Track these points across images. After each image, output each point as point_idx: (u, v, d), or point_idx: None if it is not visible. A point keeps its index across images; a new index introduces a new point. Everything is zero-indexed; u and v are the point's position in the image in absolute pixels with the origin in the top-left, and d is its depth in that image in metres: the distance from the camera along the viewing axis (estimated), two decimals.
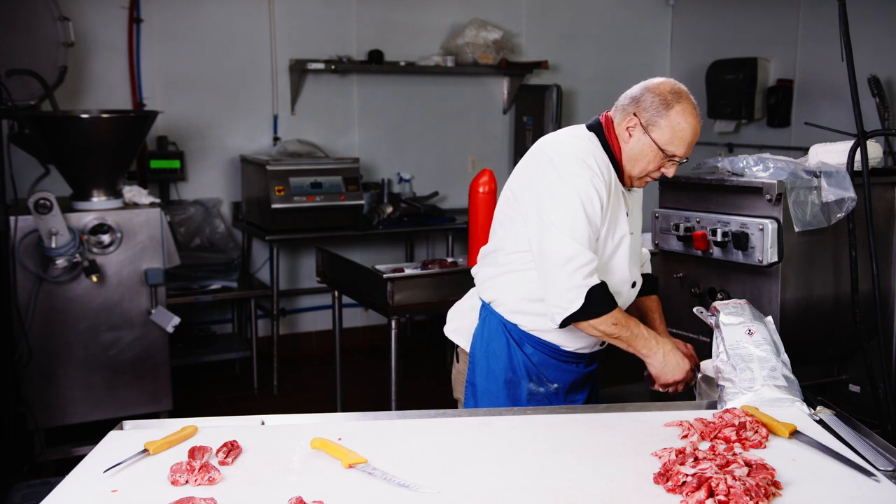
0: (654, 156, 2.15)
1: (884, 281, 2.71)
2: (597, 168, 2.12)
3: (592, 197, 2.09)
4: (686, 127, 2.11)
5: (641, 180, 2.23)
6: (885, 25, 4.81)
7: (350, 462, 1.64)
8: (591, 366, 2.35)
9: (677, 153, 2.14)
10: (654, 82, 2.16)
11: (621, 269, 2.23)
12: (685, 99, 2.12)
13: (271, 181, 4.89)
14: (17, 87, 3.91)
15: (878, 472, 1.60)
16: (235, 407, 4.72)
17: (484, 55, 5.81)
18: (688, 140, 2.13)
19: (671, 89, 2.13)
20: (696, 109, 2.13)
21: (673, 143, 2.12)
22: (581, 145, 2.16)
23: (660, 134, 2.12)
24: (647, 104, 2.12)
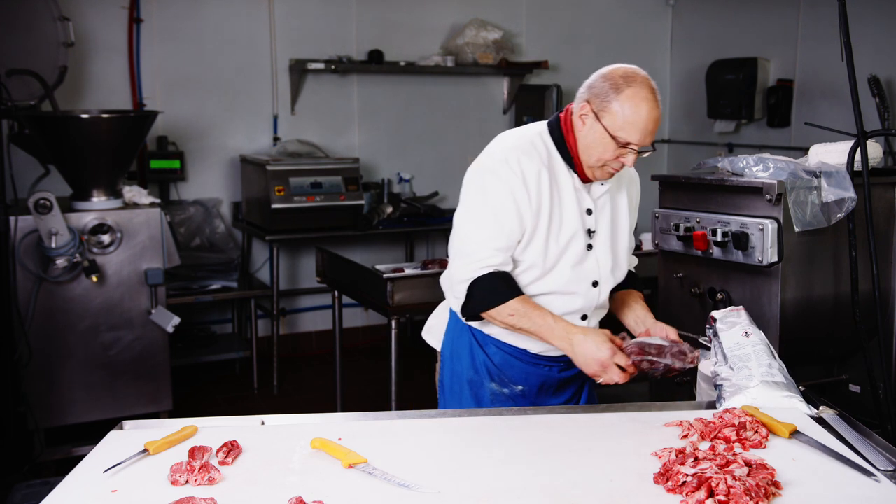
0: (608, 144, 2.04)
1: (884, 281, 2.71)
2: (518, 168, 2.06)
3: (503, 197, 2.05)
4: (637, 112, 2.01)
5: (602, 171, 2.10)
6: (885, 25, 4.81)
7: (350, 462, 1.64)
8: (569, 370, 2.26)
9: (630, 140, 2.02)
10: (609, 68, 2.09)
11: (573, 268, 2.15)
12: (638, 83, 2.03)
13: (271, 181, 4.89)
14: (17, 87, 3.91)
15: (878, 472, 1.59)
16: (235, 407, 4.72)
17: (484, 55, 5.81)
18: (640, 126, 2.02)
19: (623, 73, 2.05)
20: (652, 94, 2.03)
21: (624, 130, 2.02)
22: (512, 144, 2.12)
23: (610, 120, 2.03)
24: (599, 89, 2.05)
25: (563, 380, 2.28)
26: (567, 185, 2.13)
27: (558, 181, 2.12)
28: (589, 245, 2.17)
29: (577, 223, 2.14)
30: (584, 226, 2.15)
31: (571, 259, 2.14)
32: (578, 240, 2.14)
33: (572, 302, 2.18)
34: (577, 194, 2.14)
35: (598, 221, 2.18)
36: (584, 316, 2.22)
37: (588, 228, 2.16)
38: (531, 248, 2.12)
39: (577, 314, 2.21)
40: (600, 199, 2.19)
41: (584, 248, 2.16)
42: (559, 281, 2.14)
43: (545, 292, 2.16)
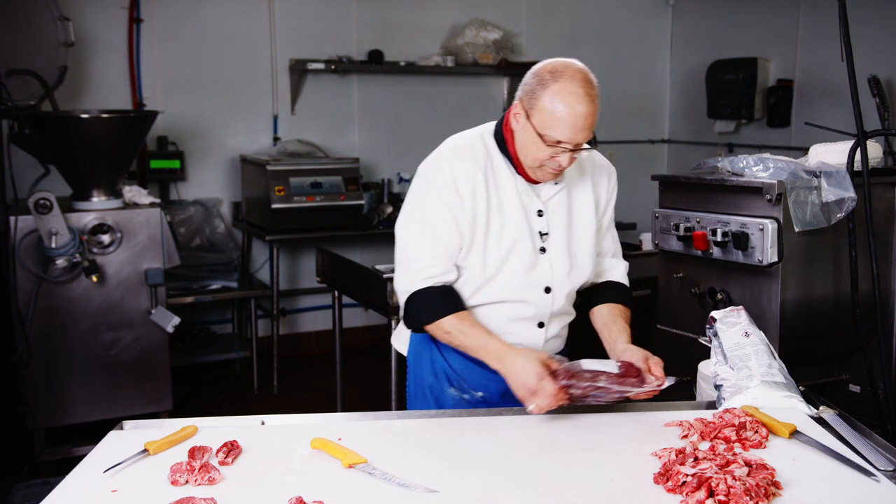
0: (539, 144, 1.92)
1: (884, 281, 2.71)
2: (448, 173, 1.98)
3: (437, 205, 1.99)
4: (562, 108, 1.86)
5: (542, 171, 1.99)
6: (885, 25, 4.81)
7: (350, 462, 1.64)
8: None
9: (560, 139, 1.89)
10: (542, 63, 1.97)
11: (522, 273, 2.04)
12: (566, 77, 1.88)
13: (271, 181, 4.89)
14: (17, 87, 3.91)
15: (878, 472, 1.60)
16: (235, 407, 4.72)
17: (484, 55, 5.81)
18: (568, 123, 1.87)
19: (552, 68, 1.92)
20: (582, 88, 1.87)
21: (551, 127, 1.89)
22: (450, 148, 2.05)
23: (539, 118, 1.90)
24: (529, 86, 1.94)
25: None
26: (508, 187, 2.04)
27: (498, 184, 2.03)
28: (542, 248, 2.07)
29: (521, 227, 2.03)
30: (531, 229, 2.05)
31: (519, 265, 2.04)
32: (525, 244, 2.04)
33: (523, 309, 2.08)
34: (522, 196, 2.04)
35: (550, 223, 2.08)
36: (541, 323, 2.12)
37: (539, 231, 2.06)
38: (471, 256, 2.03)
39: (530, 321, 2.11)
40: (553, 199, 2.08)
41: (534, 252, 2.05)
42: (506, 288, 2.05)
43: (492, 301, 2.07)
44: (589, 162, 2.17)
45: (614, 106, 6.54)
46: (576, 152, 1.94)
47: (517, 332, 2.10)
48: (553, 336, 2.17)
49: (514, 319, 2.09)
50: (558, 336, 2.20)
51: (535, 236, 2.05)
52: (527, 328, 2.11)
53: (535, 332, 2.12)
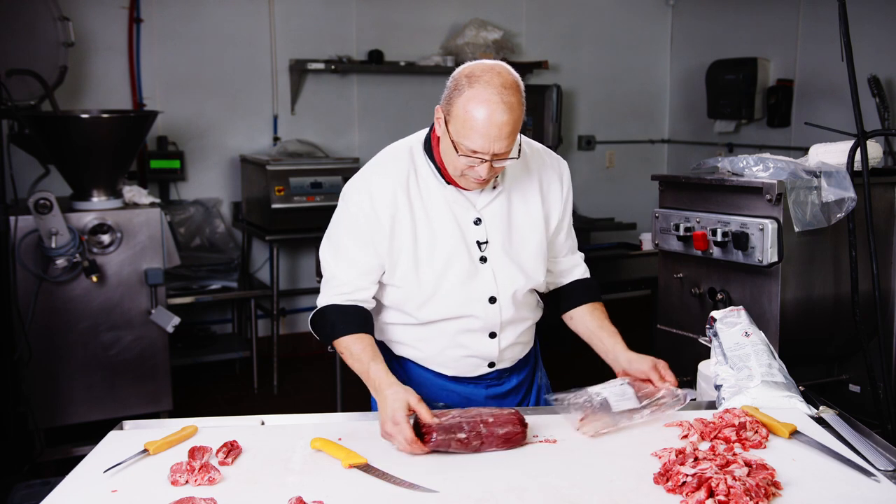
0: (454, 152, 1.81)
1: (884, 281, 2.71)
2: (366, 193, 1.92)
3: (352, 225, 1.95)
4: (474, 116, 1.74)
5: (466, 181, 1.88)
6: (885, 25, 4.81)
7: (350, 462, 1.65)
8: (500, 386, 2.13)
9: (473, 148, 1.77)
10: (464, 65, 1.84)
11: (462, 286, 1.96)
12: (482, 83, 1.75)
13: (271, 181, 4.89)
14: (17, 87, 3.91)
15: (878, 472, 1.60)
16: (235, 407, 4.72)
17: (484, 55, 5.81)
18: (481, 131, 1.75)
19: (469, 72, 1.79)
20: (496, 95, 1.74)
21: (465, 136, 1.77)
22: (373, 163, 2.00)
23: (453, 125, 1.80)
24: (447, 90, 1.83)
25: (494, 396, 2.13)
26: (437, 199, 1.94)
27: (424, 197, 1.94)
28: (482, 258, 1.98)
29: (454, 239, 1.94)
30: (466, 239, 1.96)
31: (458, 277, 1.96)
32: (460, 256, 1.95)
33: (470, 323, 2.01)
34: (454, 207, 1.95)
35: (489, 231, 1.97)
36: (493, 334, 2.04)
37: (477, 240, 1.97)
38: (401, 273, 1.96)
39: (480, 333, 2.03)
40: (490, 206, 1.98)
41: (472, 263, 1.96)
42: (448, 303, 1.97)
43: (436, 319, 2.00)
44: (536, 162, 2.05)
45: (614, 106, 6.55)
46: (496, 162, 1.81)
47: (469, 344, 2.05)
48: (510, 345, 2.09)
49: (463, 332, 2.02)
50: (517, 343, 2.11)
51: (471, 246, 1.97)
52: (478, 340, 2.04)
53: (488, 343, 2.05)
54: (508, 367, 2.14)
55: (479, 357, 2.07)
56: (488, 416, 1.74)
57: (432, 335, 2.04)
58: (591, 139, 6.47)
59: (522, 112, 1.80)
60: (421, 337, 2.06)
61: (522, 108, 1.80)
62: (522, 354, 2.17)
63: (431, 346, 2.07)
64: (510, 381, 2.15)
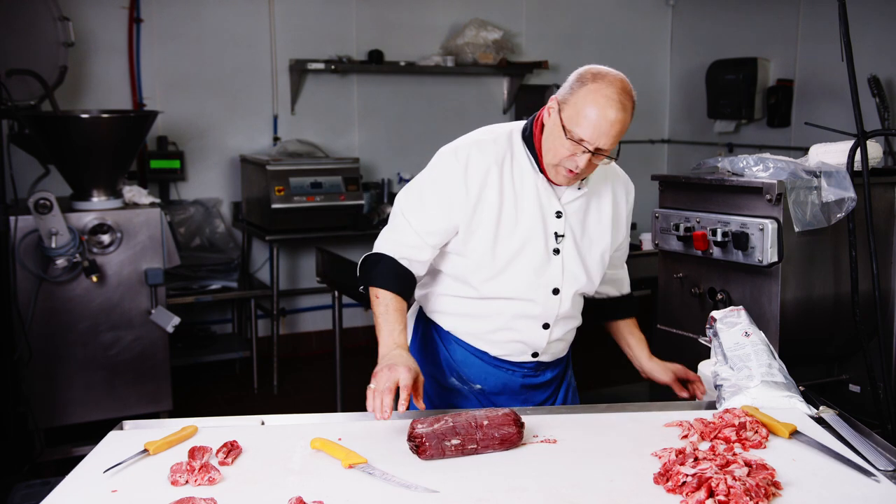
0: (562, 138, 1.92)
1: (884, 281, 2.71)
2: (463, 161, 2.00)
3: (438, 185, 2.02)
4: (592, 106, 1.88)
5: (558, 171, 1.98)
6: (885, 25, 4.81)
7: (350, 462, 1.65)
8: (535, 377, 2.21)
9: (582, 136, 1.89)
10: (589, 66, 2.00)
11: (532, 272, 2.05)
12: (606, 81, 1.91)
13: (271, 181, 4.89)
14: (17, 87, 3.91)
15: (878, 472, 1.59)
16: (235, 407, 4.72)
17: (484, 55, 5.81)
18: (594, 122, 1.88)
19: (596, 71, 1.95)
20: (617, 94, 1.89)
21: (577, 123, 1.89)
22: (473, 138, 2.07)
23: (568, 112, 1.92)
24: (569, 84, 1.96)
25: (529, 386, 2.20)
26: (528, 185, 2.04)
27: (515, 180, 2.03)
28: (556, 250, 2.07)
29: (535, 226, 2.04)
30: (546, 229, 2.05)
31: (530, 262, 2.05)
32: (537, 242, 2.04)
33: (530, 308, 2.08)
34: (541, 196, 2.04)
35: (567, 226, 2.08)
36: (546, 325, 2.12)
37: (555, 232, 2.06)
38: (474, 244, 2.03)
39: (535, 321, 2.11)
40: (573, 203, 2.08)
41: (546, 252, 2.06)
42: (514, 284, 2.05)
43: (500, 296, 2.07)
44: (612, 173, 2.18)
45: None
46: (596, 158, 1.93)
47: (522, 329, 2.11)
48: (557, 339, 2.17)
49: (520, 317, 2.09)
50: (562, 340, 2.20)
51: (549, 237, 2.06)
52: (531, 327, 2.11)
53: (540, 333, 2.13)
54: (548, 360, 2.21)
55: (527, 344, 2.14)
56: (483, 419, 1.73)
57: (489, 312, 2.10)
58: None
59: (630, 120, 1.93)
60: (477, 312, 2.12)
61: (631, 116, 1.93)
62: (564, 352, 2.26)
63: (485, 324, 2.13)
64: (545, 374, 2.22)
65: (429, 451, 1.68)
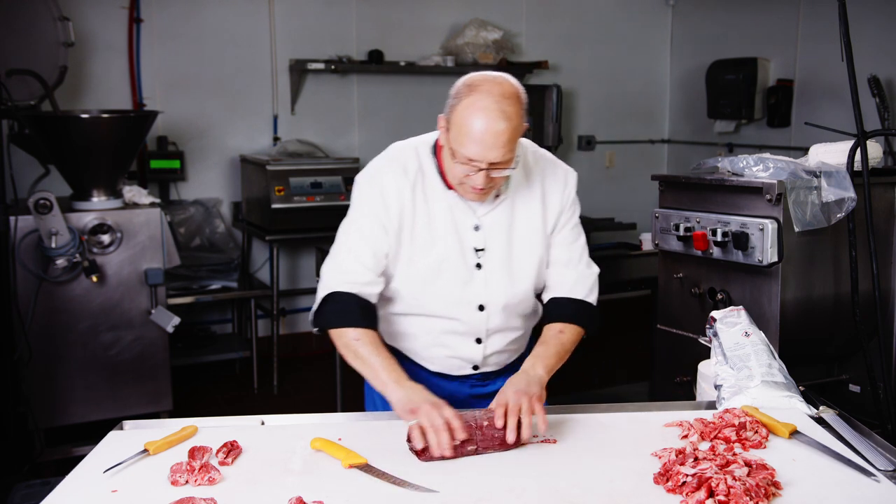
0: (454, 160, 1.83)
1: (884, 281, 2.71)
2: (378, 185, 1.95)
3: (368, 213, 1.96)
4: (471, 124, 1.75)
5: (464, 189, 1.89)
6: (885, 25, 4.81)
7: (350, 462, 1.65)
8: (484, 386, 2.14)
9: (469, 156, 1.78)
10: (467, 74, 1.85)
11: (453, 290, 1.98)
12: (481, 91, 1.77)
13: (271, 181, 4.89)
14: (17, 87, 3.91)
15: (878, 472, 1.60)
16: (235, 407, 4.72)
17: (484, 55, 5.81)
18: (476, 138, 1.75)
19: (470, 81, 1.81)
20: (494, 104, 1.75)
21: (461, 144, 1.78)
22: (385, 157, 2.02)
23: (452, 132, 1.81)
24: (449, 99, 1.84)
25: (478, 396, 2.13)
26: (439, 201, 1.96)
27: (428, 198, 1.96)
28: (478, 264, 1.99)
29: (452, 242, 1.96)
30: (464, 244, 1.96)
31: (449, 281, 1.97)
32: (455, 259, 1.96)
33: (456, 325, 2.03)
34: (455, 212, 1.96)
35: (488, 238, 1.98)
36: (479, 339, 2.06)
37: (474, 247, 1.97)
38: (399, 266, 1.98)
39: (465, 336, 2.05)
40: (491, 214, 1.98)
41: (467, 268, 1.98)
42: (437, 302, 1.99)
43: (424, 314, 2.03)
44: (540, 172, 2.04)
45: (614, 106, 6.55)
46: (494, 171, 1.81)
47: (453, 345, 2.07)
48: (495, 352, 2.10)
49: (449, 333, 2.04)
50: (503, 351, 2.11)
51: (467, 252, 1.97)
52: (463, 343, 2.06)
53: (473, 348, 2.07)
54: (495, 370, 2.14)
55: (462, 359, 2.09)
56: (483, 420, 1.72)
57: (419, 330, 2.08)
58: (591, 139, 6.47)
59: (521, 123, 1.80)
60: (408, 330, 2.09)
61: (521, 119, 1.80)
62: (510, 360, 2.17)
63: (417, 341, 2.10)
64: (495, 383, 2.14)
65: (428, 452, 1.68)
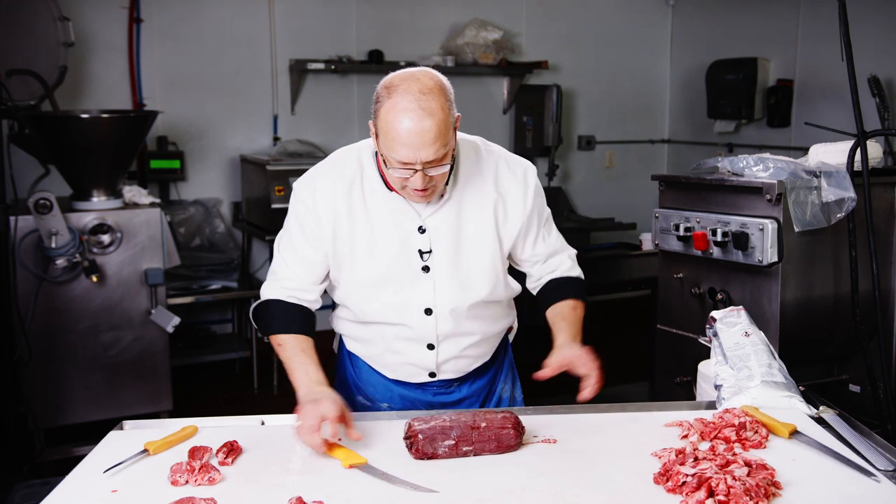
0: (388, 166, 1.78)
1: (884, 281, 2.71)
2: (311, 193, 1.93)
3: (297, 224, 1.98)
4: (396, 127, 1.69)
5: (408, 194, 1.84)
6: (885, 25, 4.81)
7: (350, 462, 1.64)
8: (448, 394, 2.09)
9: (399, 158, 1.72)
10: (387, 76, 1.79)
11: (398, 293, 1.93)
12: (399, 92, 1.71)
13: (271, 181, 4.89)
14: (17, 87, 3.91)
15: (878, 472, 1.60)
16: (235, 407, 4.72)
17: (484, 55, 5.81)
18: (402, 141, 1.69)
19: (388, 83, 1.75)
20: (414, 102, 1.69)
21: (389, 148, 1.72)
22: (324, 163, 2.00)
23: (380, 138, 1.76)
24: (373, 105, 1.78)
25: (443, 404, 2.08)
26: (380, 204, 1.91)
27: (368, 202, 1.91)
28: (425, 267, 1.93)
29: (393, 247, 1.91)
30: (408, 247, 1.91)
31: (395, 285, 1.93)
32: (399, 263, 1.91)
33: (404, 331, 1.98)
34: (397, 214, 1.91)
35: (434, 240, 1.92)
36: (431, 345, 2.00)
37: (419, 249, 1.92)
38: (340, 274, 1.96)
39: (416, 342, 1.99)
40: (436, 215, 1.92)
41: (413, 272, 1.93)
42: (383, 308, 1.95)
43: (373, 320, 2.00)
44: (490, 168, 1.97)
45: (614, 106, 6.55)
46: (431, 170, 1.75)
47: (405, 351, 2.02)
48: (451, 358, 2.03)
49: (399, 339, 2.00)
50: (461, 357, 2.04)
51: (412, 255, 1.92)
52: (414, 349, 2.01)
53: (425, 354, 2.01)
54: (455, 377, 2.09)
55: (417, 366, 2.04)
56: (481, 421, 1.71)
57: (371, 336, 2.05)
58: (591, 139, 6.47)
59: (448, 116, 1.73)
60: (363, 336, 2.08)
61: (447, 111, 1.73)
62: (471, 367, 2.10)
63: (372, 347, 2.08)
64: (460, 390, 2.11)
65: (421, 451, 1.67)
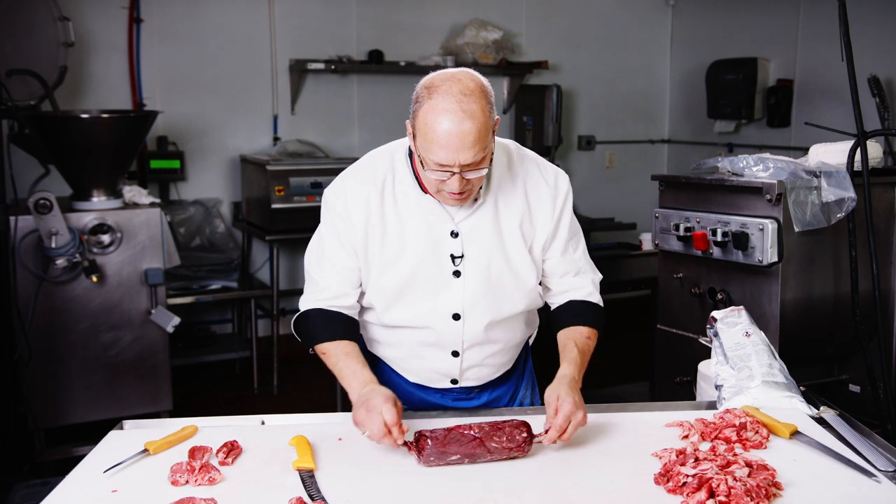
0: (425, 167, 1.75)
1: (884, 281, 2.71)
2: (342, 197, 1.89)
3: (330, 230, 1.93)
4: (434, 128, 1.68)
5: (442, 197, 1.81)
6: (885, 25, 4.81)
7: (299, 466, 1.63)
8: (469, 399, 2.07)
9: (438, 161, 1.70)
10: (428, 75, 1.78)
11: (427, 298, 1.90)
12: (440, 93, 1.70)
13: (271, 181, 4.89)
14: (17, 87, 3.91)
15: (879, 473, 1.60)
16: (235, 407, 4.72)
17: (484, 55, 5.81)
18: (441, 143, 1.67)
19: (429, 83, 1.74)
20: (455, 104, 1.67)
21: (428, 150, 1.70)
22: (356, 165, 1.96)
23: (418, 139, 1.74)
24: (412, 104, 1.77)
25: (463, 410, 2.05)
26: (412, 207, 1.87)
27: (399, 204, 1.88)
28: (456, 272, 1.89)
29: (425, 249, 1.87)
30: (439, 251, 1.87)
31: (425, 288, 1.89)
32: (429, 267, 1.88)
33: (430, 336, 1.94)
34: (430, 217, 1.87)
35: (467, 245, 1.88)
36: (455, 353, 1.96)
37: (451, 254, 1.88)
38: (369, 280, 1.92)
39: (440, 349, 1.96)
40: (469, 219, 1.88)
41: (443, 276, 1.89)
42: (410, 312, 1.91)
43: (399, 324, 1.95)
44: (523, 174, 1.94)
45: (614, 106, 6.55)
46: (468, 173, 1.72)
47: (429, 357, 1.99)
48: (473, 365, 2.00)
49: (424, 345, 1.97)
50: (483, 366, 2.02)
51: (443, 259, 1.88)
52: (439, 355, 1.98)
53: (450, 361, 1.98)
54: (477, 385, 2.06)
55: (440, 373, 2.02)
56: (492, 442, 1.67)
57: (396, 340, 2.02)
58: (591, 139, 6.47)
59: (489, 119, 1.71)
60: (387, 340, 2.04)
61: (487, 114, 1.71)
62: (493, 376, 2.07)
63: (395, 351, 2.05)
64: (480, 397, 2.09)
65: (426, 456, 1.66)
